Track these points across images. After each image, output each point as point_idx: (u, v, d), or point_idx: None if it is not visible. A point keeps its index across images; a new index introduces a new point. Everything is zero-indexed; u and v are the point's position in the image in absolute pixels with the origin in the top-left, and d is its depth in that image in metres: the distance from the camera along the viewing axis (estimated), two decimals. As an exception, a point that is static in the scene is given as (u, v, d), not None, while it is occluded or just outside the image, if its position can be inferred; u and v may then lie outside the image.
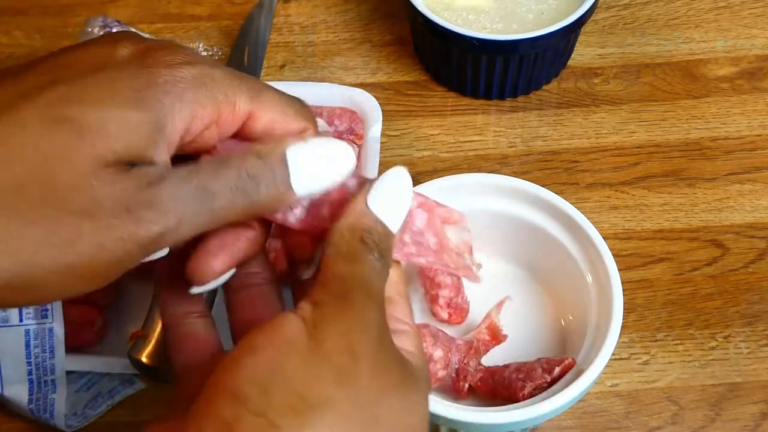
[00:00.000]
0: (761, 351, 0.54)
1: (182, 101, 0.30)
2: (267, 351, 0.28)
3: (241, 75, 0.32)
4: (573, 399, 0.44)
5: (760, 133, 0.64)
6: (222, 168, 0.30)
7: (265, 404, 0.27)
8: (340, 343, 0.28)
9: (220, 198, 0.30)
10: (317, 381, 0.27)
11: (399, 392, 0.29)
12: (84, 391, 0.52)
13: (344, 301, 0.29)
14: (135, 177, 0.28)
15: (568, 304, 0.52)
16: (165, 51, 0.30)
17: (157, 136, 0.29)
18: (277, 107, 0.33)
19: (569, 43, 0.66)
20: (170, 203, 0.29)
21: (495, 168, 0.62)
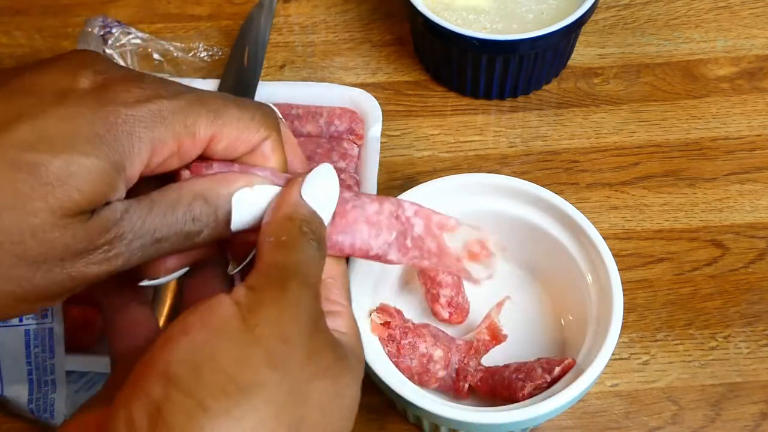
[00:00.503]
0: (761, 351, 0.54)
1: (141, 140, 0.30)
2: (200, 332, 0.29)
3: (201, 98, 0.33)
4: (573, 399, 0.44)
5: (760, 133, 0.64)
6: (170, 212, 0.32)
7: (196, 385, 0.27)
8: (272, 328, 0.29)
9: (165, 242, 0.32)
10: (248, 364, 0.28)
11: (330, 375, 0.30)
12: (84, 391, 0.52)
13: (280, 288, 0.30)
14: (92, 225, 0.30)
15: (568, 304, 0.52)
16: (124, 85, 0.31)
17: (116, 180, 0.30)
18: (237, 125, 0.34)
19: (569, 43, 0.66)
20: (121, 249, 0.31)
21: (495, 168, 0.62)
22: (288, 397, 0.28)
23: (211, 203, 0.33)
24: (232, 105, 0.34)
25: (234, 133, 0.33)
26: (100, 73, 0.31)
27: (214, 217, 0.33)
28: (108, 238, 0.30)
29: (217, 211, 0.33)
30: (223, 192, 0.33)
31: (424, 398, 0.44)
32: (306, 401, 0.29)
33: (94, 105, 0.30)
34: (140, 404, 0.27)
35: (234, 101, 0.34)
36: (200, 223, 0.33)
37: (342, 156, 0.58)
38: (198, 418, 0.26)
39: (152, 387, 0.27)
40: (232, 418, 0.27)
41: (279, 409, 0.28)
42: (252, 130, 0.34)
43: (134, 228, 0.31)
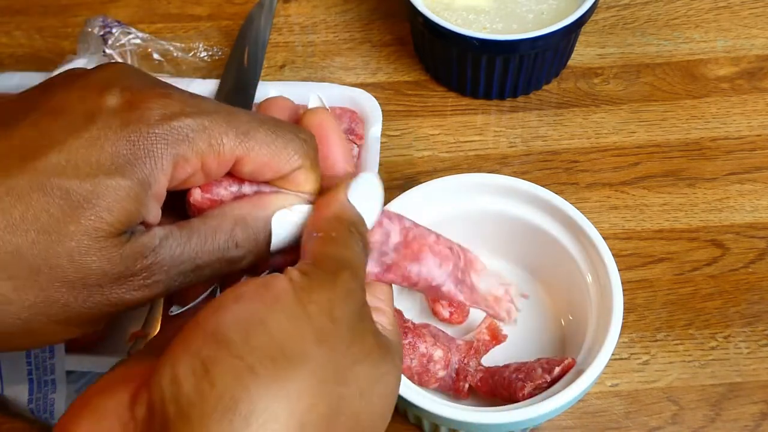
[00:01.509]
0: (761, 351, 0.54)
1: (164, 157, 0.31)
2: (253, 301, 0.30)
3: (231, 115, 0.33)
4: (573, 399, 0.44)
5: (760, 133, 0.64)
6: (211, 239, 0.33)
7: (245, 349, 0.28)
8: (323, 307, 0.30)
9: (207, 269, 0.33)
10: (298, 337, 0.29)
11: (372, 361, 0.31)
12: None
13: (331, 275, 0.31)
14: (130, 249, 0.30)
15: (568, 304, 0.52)
16: (149, 102, 0.31)
17: (144, 198, 0.31)
18: (267, 150, 0.33)
19: (569, 43, 0.66)
20: (161, 276, 0.32)
21: (495, 168, 0.62)
22: (331, 374, 0.29)
23: (252, 227, 0.33)
24: (266, 129, 0.33)
25: (263, 159, 0.33)
26: (127, 89, 0.32)
27: (256, 241, 0.34)
28: (145, 264, 0.31)
29: (258, 235, 0.34)
30: (261, 215, 0.34)
31: (424, 398, 0.44)
32: (347, 382, 0.29)
33: (119, 125, 0.30)
34: (187, 362, 0.28)
35: (269, 125, 0.34)
36: (243, 249, 0.33)
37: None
38: (244, 380, 0.27)
39: (201, 347, 0.28)
40: (278, 384, 0.27)
41: (322, 384, 0.28)
42: (283, 158, 0.34)
43: (173, 255, 0.32)
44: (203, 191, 0.34)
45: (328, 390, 0.28)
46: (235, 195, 0.34)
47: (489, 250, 0.53)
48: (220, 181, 0.34)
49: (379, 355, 0.31)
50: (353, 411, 0.29)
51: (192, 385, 0.27)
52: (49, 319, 0.30)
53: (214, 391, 0.27)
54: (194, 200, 0.34)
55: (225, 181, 0.34)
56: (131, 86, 0.32)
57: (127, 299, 0.31)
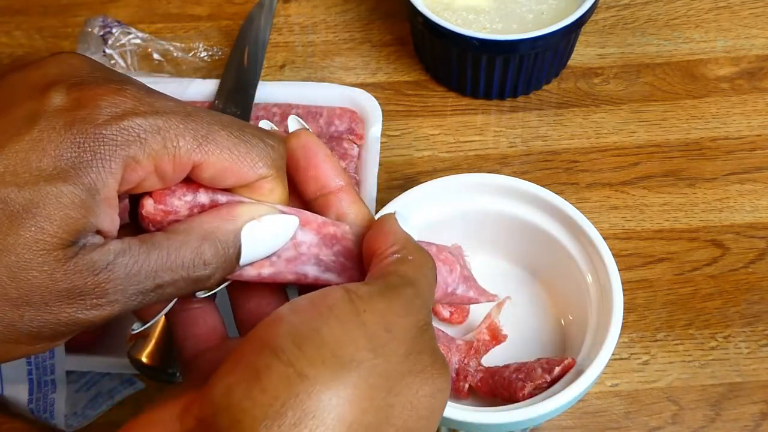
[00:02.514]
0: (761, 351, 0.54)
1: (112, 159, 0.29)
2: (308, 311, 0.29)
3: (189, 116, 0.31)
4: (573, 399, 0.44)
5: (760, 133, 0.64)
6: (175, 255, 0.30)
7: (297, 355, 0.27)
8: (379, 317, 0.29)
9: (169, 287, 0.30)
10: (351, 343, 0.28)
11: (426, 377, 0.30)
12: (84, 391, 0.52)
13: (395, 289, 0.30)
14: (78, 265, 0.28)
15: (568, 304, 0.52)
16: (99, 100, 0.29)
17: (92, 203, 0.28)
18: (228, 155, 0.31)
19: (569, 43, 0.66)
20: (117, 295, 0.29)
21: (495, 168, 0.62)
22: (382, 383, 0.28)
23: (221, 243, 0.31)
24: (228, 132, 0.31)
25: (223, 164, 0.31)
26: (74, 86, 0.29)
27: (225, 257, 0.32)
28: (97, 281, 0.28)
29: (227, 250, 0.32)
30: (231, 228, 0.32)
31: (424, 398, 0.44)
32: (398, 392, 0.29)
33: (63, 126, 0.28)
34: (239, 372, 0.28)
35: (233, 128, 0.31)
36: (211, 267, 0.31)
37: (342, 156, 0.58)
38: (295, 385, 0.27)
39: (253, 357, 0.28)
40: (328, 390, 0.27)
41: (372, 391, 0.28)
42: (246, 164, 0.31)
43: (130, 272, 0.29)
44: (156, 202, 0.32)
45: (379, 398, 0.28)
46: (191, 205, 0.32)
47: (489, 250, 0.54)
48: (173, 190, 0.32)
49: (434, 372, 0.30)
50: (402, 422, 0.29)
51: (243, 393, 0.27)
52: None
53: (265, 398, 0.27)
54: (146, 212, 0.32)
55: (179, 191, 0.32)
56: (81, 82, 0.30)
57: (81, 319, 0.29)
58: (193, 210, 0.32)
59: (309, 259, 0.34)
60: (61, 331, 0.29)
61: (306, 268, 0.34)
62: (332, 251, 0.34)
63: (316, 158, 0.36)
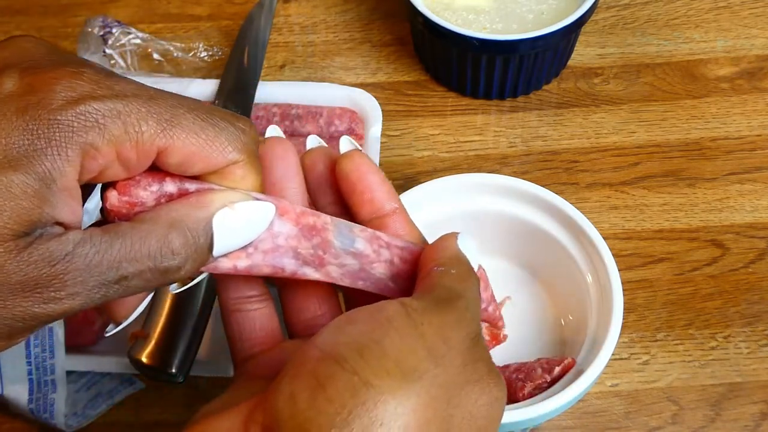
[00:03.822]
0: (761, 351, 0.54)
1: (69, 146, 0.27)
2: (366, 322, 0.29)
3: (152, 99, 0.29)
4: (573, 399, 0.44)
5: (760, 133, 0.64)
6: (139, 244, 0.29)
7: (361, 365, 0.27)
8: (435, 329, 0.29)
9: (134, 279, 0.29)
10: (412, 354, 0.28)
11: (483, 386, 0.30)
12: (84, 391, 0.52)
13: (446, 302, 0.30)
14: (32, 255, 0.27)
15: (568, 304, 0.52)
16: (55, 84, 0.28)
17: (47, 193, 0.27)
18: (195, 139, 0.30)
19: (569, 43, 0.66)
20: (77, 287, 0.28)
21: (495, 168, 0.62)
22: (443, 393, 0.28)
23: (191, 231, 0.30)
24: (194, 116, 0.30)
25: (190, 149, 0.30)
26: (28, 70, 0.28)
27: (195, 247, 0.30)
28: (54, 272, 0.27)
29: (197, 240, 0.30)
30: (202, 216, 0.30)
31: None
32: (458, 403, 0.29)
33: (15, 112, 0.27)
34: (303, 380, 0.27)
35: (199, 112, 0.30)
36: (180, 257, 0.30)
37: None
38: (361, 393, 0.27)
39: (316, 366, 0.28)
40: (393, 398, 0.27)
41: (434, 401, 0.28)
42: (215, 149, 0.30)
43: (90, 263, 0.28)
44: (120, 193, 0.30)
45: (441, 408, 0.28)
46: (158, 195, 0.31)
47: (489, 250, 0.54)
48: (138, 180, 0.30)
49: (490, 381, 0.30)
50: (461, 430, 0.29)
51: (308, 402, 0.27)
52: None
53: (331, 407, 0.26)
54: (110, 205, 0.30)
55: (144, 180, 0.30)
56: (35, 66, 0.28)
57: (38, 313, 0.27)
58: (160, 200, 0.31)
59: (287, 251, 0.33)
60: (18, 327, 0.28)
61: (283, 261, 0.33)
62: (311, 243, 0.33)
63: (372, 181, 0.35)
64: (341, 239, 0.34)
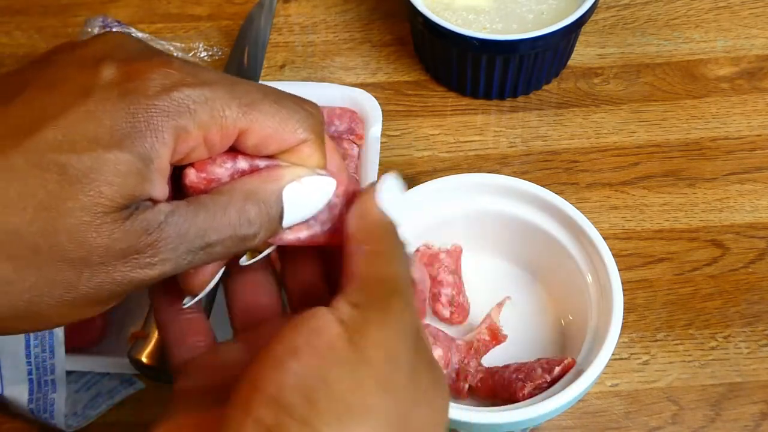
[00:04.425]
0: (761, 351, 0.54)
1: (164, 130, 0.30)
2: (309, 356, 0.29)
3: (233, 86, 0.32)
4: (573, 399, 0.44)
5: (760, 133, 0.64)
6: (221, 214, 0.31)
7: (310, 412, 0.27)
8: (380, 351, 0.29)
9: (218, 246, 0.31)
10: (360, 389, 0.28)
11: (428, 400, 0.30)
12: (84, 391, 0.52)
13: (384, 306, 0.30)
14: (133, 225, 0.29)
15: (568, 304, 0.52)
16: (147, 74, 0.30)
17: (146, 172, 0.30)
18: (271, 122, 0.32)
19: (569, 43, 0.66)
20: (167, 254, 0.30)
21: (495, 168, 0.62)
22: (396, 421, 0.28)
23: (264, 202, 0.32)
24: (269, 100, 0.32)
25: (266, 131, 0.32)
26: (123, 62, 0.30)
27: (267, 216, 0.32)
28: (150, 240, 0.30)
29: (270, 210, 0.32)
30: (273, 188, 0.32)
31: (424, 398, 0.44)
32: (408, 423, 0.29)
33: (117, 97, 0.29)
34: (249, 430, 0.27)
35: (273, 96, 0.33)
36: (255, 225, 0.32)
37: (342, 156, 0.58)
38: None
39: (263, 413, 0.27)
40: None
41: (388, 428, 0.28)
42: (288, 130, 0.32)
43: (180, 231, 0.30)
44: (198, 170, 0.33)
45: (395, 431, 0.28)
46: (232, 171, 0.33)
47: (489, 250, 0.54)
48: (213, 158, 0.33)
49: (434, 390, 0.30)
50: None
51: None
52: (53, 300, 0.29)
53: None
54: (190, 181, 0.33)
55: (219, 159, 0.33)
56: (129, 57, 0.31)
57: (134, 278, 0.30)
58: (233, 176, 0.33)
59: (338, 221, 0.35)
60: (116, 291, 0.30)
61: (339, 231, 0.34)
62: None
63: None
64: None
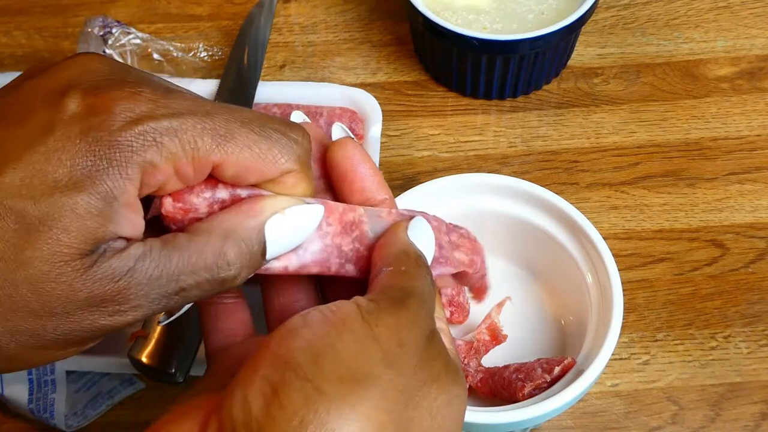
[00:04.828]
0: (761, 351, 0.54)
1: (129, 165, 0.28)
2: (321, 325, 0.29)
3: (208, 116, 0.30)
4: (573, 399, 0.44)
5: (760, 133, 0.64)
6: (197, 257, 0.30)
7: (314, 371, 0.27)
8: (390, 332, 0.29)
9: (194, 290, 0.30)
10: (366, 359, 0.28)
11: (441, 384, 0.30)
12: (84, 391, 0.52)
13: (399, 302, 0.30)
14: (97, 272, 0.28)
15: (568, 304, 0.52)
16: (114, 105, 0.29)
17: (110, 212, 0.28)
18: (249, 153, 0.30)
19: (569, 43, 0.66)
20: (139, 300, 0.29)
21: (495, 168, 0.62)
22: (399, 396, 0.28)
23: (245, 241, 0.31)
24: (248, 129, 0.31)
25: (244, 162, 0.30)
26: (89, 91, 0.29)
27: (249, 255, 0.31)
28: (118, 288, 0.28)
29: (251, 249, 0.31)
30: (254, 224, 0.31)
31: (424, 398, 0.44)
32: (416, 404, 0.29)
33: (77, 135, 0.28)
34: (256, 386, 0.28)
35: (256, 124, 0.31)
36: (236, 266, 0.31)
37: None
38: (314, 401, 0.27)
39: (270, 371, 0.28)
40: (347, 405, 0.27)
41: (390, 404, 0.28)
42: (268, 161, 0.31)
43: (151, 277, 0.29)
44: (175, 200, 0.31)
45: (398, 411, 0.28)
46: (211, 201, 0.32)
47: (489, 250, 0.53)
48: (192, 187, 0.31)
49: (447, 379, 0.30)
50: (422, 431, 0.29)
51: (261, 408, 0.27)
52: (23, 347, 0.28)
53: (284, 414, 0.27)
54: (166, 211, 0.31)
55: (197, 188, 0.32)
56: (96, 86, 0.29)
57: (105, 325, 0.29)
58: (213, 206, 0.32)
59: (333, 250, 0.34)
60: (87, 336, 0.29)
61: (330, 260, 0.34)
62: (351, 238, 0.34)
63: (363, 171, 0.35)
64: (373, 227, 0.34)
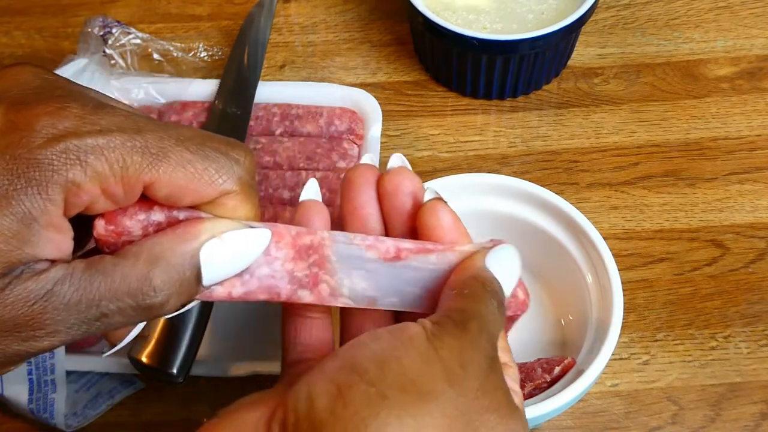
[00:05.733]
0: (761, 351, 0.54)
1: (50, 185, 0.27)
2: (389, 340, 0.29)
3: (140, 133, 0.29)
4: (573, 399, 0.44)
5: (760, 133, 0.64)
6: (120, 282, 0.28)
7: (379, 378, 0.28)
8: (452, 353, 0.29)
9: (116, 316, 0.29)
10: (429, 374, 0.28)
11: (502, 414, 0.30)
12: (84, 391, 0.52)
13: (461, 326, 0.30)
14: (10, 296, 0.27)
15: (568, 304, 0.52)
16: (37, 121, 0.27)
17: (27, 233, 0.27)
18: (182, 173, 0.29)
19: (569, 43, 0.66)
20: (56, 326, 0.28)
21: (495, 168, 0.62)
22: (460, 416, 0.28)
23: (175, 267, 0.29)
24: (182, 148, 0.29)
25: (178, 182, 0.29)
26: (13, 106, 0.28)
27: (179, 282, 0.29)
28: (33, 312, 0.27)
29: (182, 275, 0.29)
30: (186, 249, 0.29)
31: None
32: (475, 429, 0.29)
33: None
34: (322, 384, 0.28)
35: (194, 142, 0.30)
36: (163, 293, 0.29)
37: (342, 156, 0.58)
38: (376, 404, 0.27)
39: (336, 374, 0.28)
40: (407, 414, 0.27)
41: (450, 422, 0.28)
42: (204, 181, 0.29)
43: (69, 302, 0.27)
44: (107, 223, 0.30)
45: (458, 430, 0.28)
46: (145, 224, 0.30)
47: (489, 250, 0.53)
48: (125, 209, 0.30)
49: (508, 410, 0.30)
50: None
51: (325, 405, 0.27)
52: None
53: (346, 412, 0.27)
54: (98, 234, 0.30)
55: (131, 210, 0.30)
56: (21, 100, 0.28)
57: (20, 350, 0.28)
58: (147, 229, 0.30)
59: (283, 276, 0.32)
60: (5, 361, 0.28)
61: (279, 286, 0.32)
62: (308, 263, 0.33)
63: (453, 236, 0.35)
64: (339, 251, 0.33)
